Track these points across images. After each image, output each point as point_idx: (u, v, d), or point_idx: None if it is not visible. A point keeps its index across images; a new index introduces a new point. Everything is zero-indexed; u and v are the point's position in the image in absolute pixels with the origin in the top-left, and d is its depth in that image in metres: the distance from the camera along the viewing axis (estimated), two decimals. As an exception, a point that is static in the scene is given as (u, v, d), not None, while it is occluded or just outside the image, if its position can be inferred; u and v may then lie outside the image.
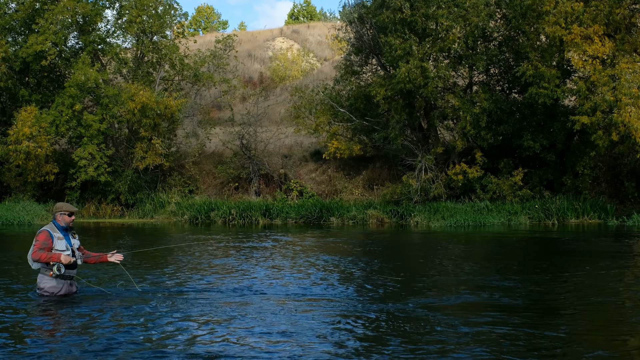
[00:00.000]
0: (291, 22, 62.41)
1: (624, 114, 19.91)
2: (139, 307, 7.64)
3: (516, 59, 23.75)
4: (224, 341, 6.16)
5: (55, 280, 7.90)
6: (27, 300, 8.10)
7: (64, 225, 8.03)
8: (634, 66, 20.46)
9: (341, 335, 6.39)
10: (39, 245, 7.81)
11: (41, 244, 7.81)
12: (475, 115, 22.81)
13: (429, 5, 22.81)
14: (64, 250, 7.89)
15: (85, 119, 25.96)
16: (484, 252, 14.59)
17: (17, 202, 25.68)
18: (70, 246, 8.00)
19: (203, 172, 29.21)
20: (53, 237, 7.88)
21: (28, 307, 7.72)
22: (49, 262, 7.79)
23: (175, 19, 29.78)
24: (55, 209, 8.12)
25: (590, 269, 10.94)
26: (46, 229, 7.96)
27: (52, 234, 7.91)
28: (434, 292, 8.89)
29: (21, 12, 27.48)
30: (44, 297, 7.92)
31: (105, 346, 5.95)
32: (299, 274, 10.58)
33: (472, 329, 6.64)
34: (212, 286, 9.29)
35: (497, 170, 24.12)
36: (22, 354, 5.73)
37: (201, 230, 21.03)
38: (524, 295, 8.50)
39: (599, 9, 20.99)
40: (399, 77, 22.32)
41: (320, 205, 24.19)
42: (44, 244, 7.81)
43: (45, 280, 7.94)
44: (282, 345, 6.00)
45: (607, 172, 24.63)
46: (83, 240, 8.86)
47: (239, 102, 35.26)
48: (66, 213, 8.05)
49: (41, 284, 7.97)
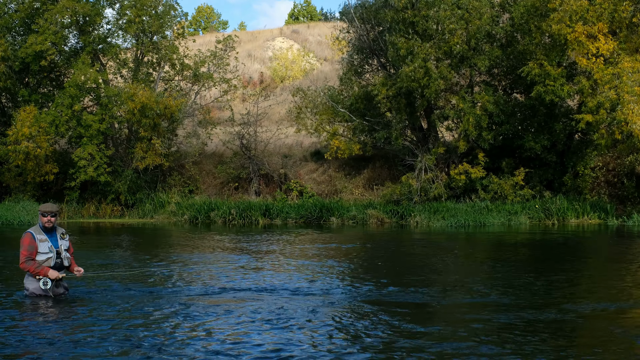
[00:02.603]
0: (291, 22, 62.40)
1: (627, 112, 19.94)
2: (132, 307, 7.63)
3: (519, 59, 23.72)
4: (232, 340, 6.14)
5: (39, 281, 7.84)
6: (14, 301, 8.04)
7: (42, 226, 7.93)
8: (637, 65, 20.48)
9: (354, 334, 6.38)
10: (25, 253, 7.75)
11: (27, 249, 7.75)
12: (477, 117, 22.80)
13: (430, 7, 22.79)
14: (47, 253, 7.82)
15: (85, 119, 25.94)
16: (493, 253, 14.58)
17: (17, 202, 25.66)
18: (55, 248, 7.91)
19: (203, 172, 29.19)
20: (36, 240, 7.82)
21: (14, 308, 7.66)
22: (37, 275, 7.76)
23: (175, 19, 29.77)
24: (38, 210, 8.08)
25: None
26: (30, 231, 7.89)
27: (36, 236, 7.84)
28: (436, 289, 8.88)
29: (21, 12, 27.46)
30: (31, 298, 7.86)
31: (95, 346, 5.93)
32: (298, 274, 10.56)
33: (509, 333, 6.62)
34: (214, 286, 9.27)
35: (499, 170, 24.12)
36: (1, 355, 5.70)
37: (201, 230, 21.01)
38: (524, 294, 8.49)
39: (603, 7, 21.00)
40: (403, 76, 22.34)
41: (320, 205, 24.17)
42: (29, 248, 7.75)
43: (30, 281, 7.90)
44: (283, 341, 5.99)
45: (607, 172, 24.62)
46: (82, 241, 8.84)
47: (239, 102, 35.23)
48: (41, 213, 7.97)
49: (28, 285, 7.93)
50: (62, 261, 7.97)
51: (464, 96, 23.76)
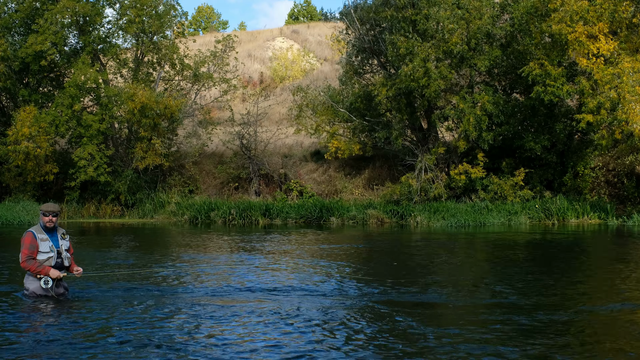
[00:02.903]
0: (291, 22, 62.41)
1: (628, 112, 19.96)
2: (133, 307, 7.63)
3: (519, 59, 23.72)
4: (241, 340, 6.14)
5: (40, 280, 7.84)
6: (14, 301, 8.03)
7: (43, 225, 7.94)
8: (637, 65, 20.49)
9: (353, 331, 6.38)
10: (26, 252, 7.75)
11: (28, 248, 7.75)
12: (477, 117, 22.80)
13: (431, 5, 22.79)
14: (47, 252, 7.83)
15: (85, 119, 25.95)
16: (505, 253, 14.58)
17: (17, 202, 25.67)
18: (56, 247, 7.92)
19: (203, 172, 29.19)
20: (37, 239, 7.82)
21: (12, 308, 7.64)
22: (37, 274, 7.77)
23: (175, 18, 29.77)
24: (40, 210, 8.09)
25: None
26: (31, 230, 7.90)
27: (37, 235, 7.84)
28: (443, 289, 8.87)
29: (21, 12, 27.46)
30: (31, 299, 7.85)
31: (91, 346, 5.93)
32: (306, 274, 10.55)
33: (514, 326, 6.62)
34: (215, 285, 9.27)
35: (499, 170, 24.13)
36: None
37: (201, 230, 21.01)
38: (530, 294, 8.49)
39: (603, 7, 21.01)
40: (403, 76, 22.32)
41: (320, 205, 24.17)
42: (31, 248, 7.76)
43: (30, 281, 7.89)
44: (282, 341, 5.99)
45: (607, 172, 24.62)
46: (83, 241, 8.84)
47: (239, 102, 35.24)
48: (42, 213, 7.97)
49: (28, 285, 7.92)
50: (62, 261, 7.97)
51: (464, 96, 23.76)
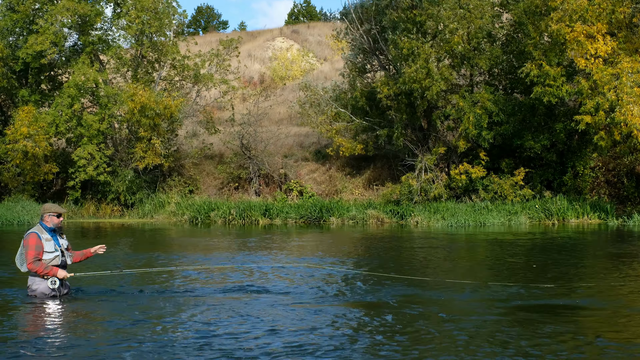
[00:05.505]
0: (291, 22, 62.38)
1: (627, 113, 19.93)
2: (135, 307, 7.62)
3: (519, 59, 23.72)
4: (240, 339, 6.14)
5: (47, 281, 7.85)
6: (17, 301, 8.03)
7: (52, 226, 7.94)
8: (636, 65, 20.47)
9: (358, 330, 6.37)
10: (33, 253, 7.71)
11: (34, 250, 7.72)
12: (477, 116, 22.80)
13: (433, 4, 22.79)
14: (53, 252, 7.84)
15: (85, 118, 25.96)
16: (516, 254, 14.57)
17: (16, 202, 25.67)
18: (59, 247, 7.93)
19: (203, 172, 29.19)
20: (42, 239, 7.81)
21: (17, 308, 7.64)
22: (45, 275, 7.76)
23: (175, 19, 29.78)
24: (43, 210, 8.03)
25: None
26: (34, 231, 7.86)
27: (41, 235, 7.83)
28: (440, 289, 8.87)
29: (21, 13, 27.45)
30: (35, 299, 7.85)
31: (94, 346, 5.92)
32: (310, 274, 10.55)
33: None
34: (215, 285, 9.26)
35: (499, 170, 24.13)
36: (4, 354, 5.68)
37: (201, 230, 21.01)
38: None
39: (602, 7, 20.99)
40: (405, 77, 22.34)
41: (320, 205, 24.17)
42: (37, 249, 7.73)
43: (36, 282, 7.88)
44: (281, 342, 5.98)
45: (607, 172, 24.62)
46: (83, 241, 8.84)
47: (240, 102, 35.24)
48: (54, 214, 7.96)
49: (35, 286, 7.91)
50: (66, 259, 8.02)
51: (464, 95, 23.76)
